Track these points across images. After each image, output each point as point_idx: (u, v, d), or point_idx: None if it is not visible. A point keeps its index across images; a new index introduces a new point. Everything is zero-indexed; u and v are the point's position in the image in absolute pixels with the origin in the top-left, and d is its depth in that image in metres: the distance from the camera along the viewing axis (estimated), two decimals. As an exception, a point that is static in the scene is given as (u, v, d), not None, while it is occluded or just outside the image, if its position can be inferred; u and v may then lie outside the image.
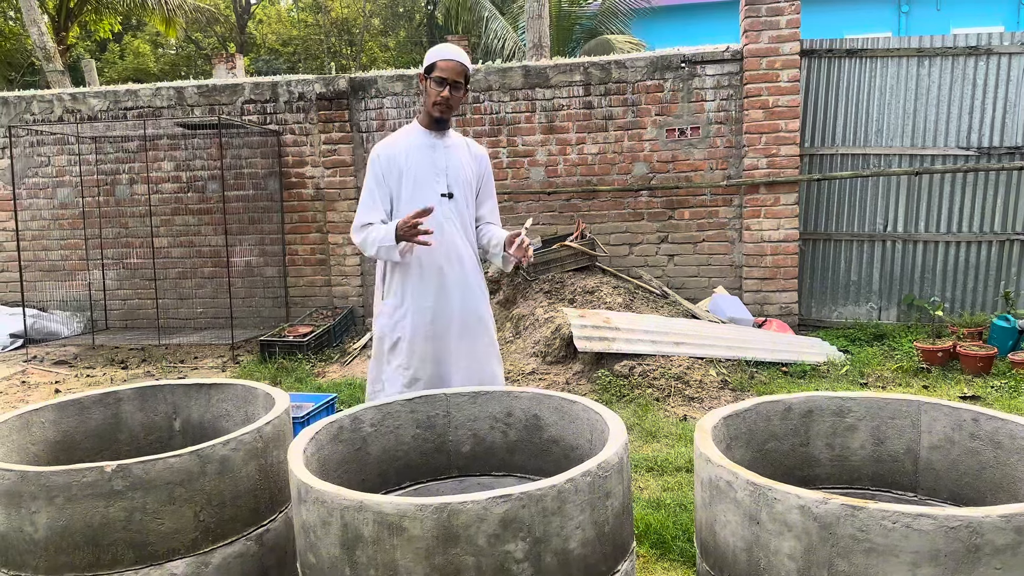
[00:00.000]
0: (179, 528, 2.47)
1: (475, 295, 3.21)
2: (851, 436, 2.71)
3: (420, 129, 3.10)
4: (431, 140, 3.07)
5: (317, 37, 25.70)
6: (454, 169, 3.09)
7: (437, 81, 2.96)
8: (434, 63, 2.97)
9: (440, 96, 2.96)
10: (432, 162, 3.06)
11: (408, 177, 3.04)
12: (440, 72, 2.95)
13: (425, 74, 3.02)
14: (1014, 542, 1.84)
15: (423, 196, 3.03)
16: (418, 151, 3.05)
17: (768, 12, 6.41)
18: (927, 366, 5.44)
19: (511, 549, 2.09)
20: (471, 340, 3.18)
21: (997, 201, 6.61)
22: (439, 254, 3.06)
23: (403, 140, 3.09)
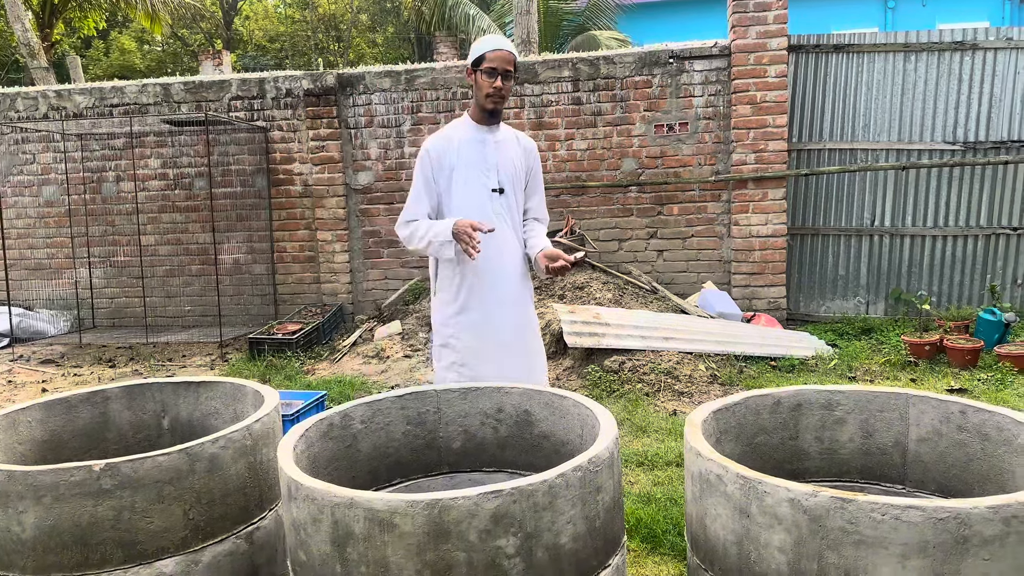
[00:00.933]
0: (168, 527, 2.46)
1: (525, 295, 3.20)
2: (840, 429, 2.73)
3: (471, 123, 3.05)
4: (482, 135, 3.03)
5: (304, 33, 25.58)
6: (505, 164, 3.07)
7: (488, 72, 2.91)
8: (483, 55, 2.93)
9: (493, 87, 2.92)
10: (483, 157, 3.03)
11: (459, 173, 3.02)
12: (490, 63, 2.90)
13: (473, 67, 2.97)
14: (1002, 533, 1.85)
15: (473, 192, 3.02)
16: (469, 146, 3.02)
17: (755, 7, 6.42)
18: (914, 359, 5.47)
19: (502, 544, 2.09)
20: (523, 340, 3.18)
21: (983, 195, 6.65)
22: (492, 251, 3.02)
23: (454, 135, 3.04)
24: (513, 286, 3.12)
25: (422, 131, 7.27)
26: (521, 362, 3.19)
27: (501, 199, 3.06)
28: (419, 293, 7.04)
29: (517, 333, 3.16)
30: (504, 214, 3.09)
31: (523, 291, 3.19)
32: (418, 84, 7.22)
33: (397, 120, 7.29)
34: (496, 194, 3.05)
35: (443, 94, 7.21)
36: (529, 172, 3.19)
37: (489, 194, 3.03)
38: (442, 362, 3.19)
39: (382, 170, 7.36)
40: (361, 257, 7.48)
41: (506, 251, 3.09)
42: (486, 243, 2.96)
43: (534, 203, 3.26)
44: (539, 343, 3.30)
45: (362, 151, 7.38)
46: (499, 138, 3.07)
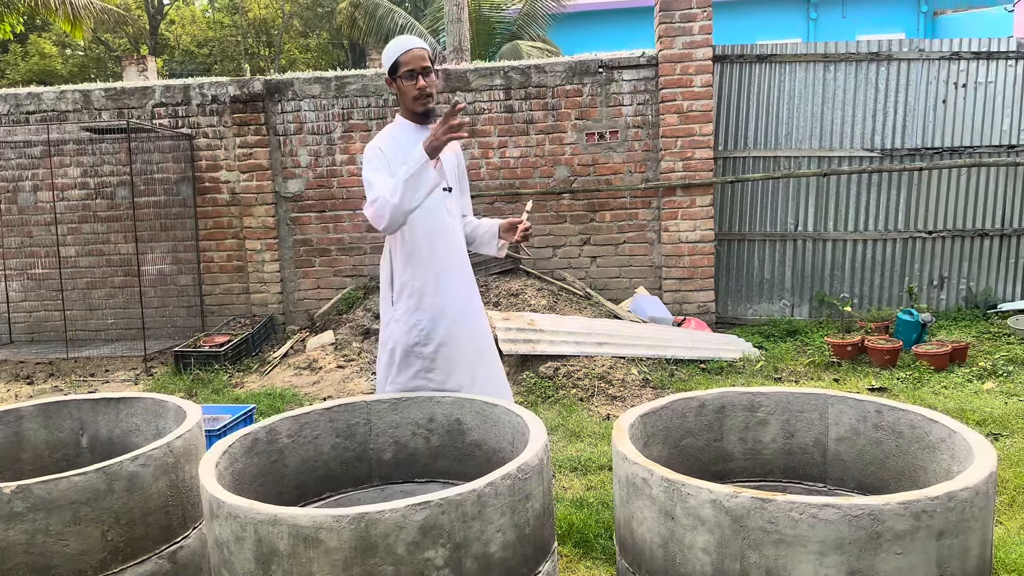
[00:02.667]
0: (85, 549, 2.37)
1: (477, 294, 3.16)
2: (763, 430, 2.80)
3: (409, 125, 2.96)
4: (421, 134, 2.90)
5: (234, 38, 25.08)
6: (447, 163, 3.02)
7: (407, 76, 2.85)
8: (396, 61, 2.86)
9: (418, 88, 2.85)
10: None
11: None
12: (406, 66, 2.84)
13: (390, 76, 2.91)
14: (912, 528, 1.92)
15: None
16: (412, 147, 2.85)
17: (681, 19, 6.56)
18: (837, 360, 5.65)
19: (431, 556, 2.08)
20: (483, 343, 3.14)
21: (900, 200, 6.92)
22: (450, 251, 3.00)
23: (398, 136, 2.95)
24: (470, 289, 3.10)
25: (353, 138, 7.20)
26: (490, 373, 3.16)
27: (451, 197, 3.03)
28: (352, 302, 6.96)
29: (484, 340, 3.14)
30: (456, 213, 3.08)
31: (477, 294, 3.17)
32: (349, 91, 7.15)
33: (328, 127, 7.21)
34: (447, 193, 3.00)
35: (374, 101, 7.16)
36: (461, 169, 3.18)
37: (441, 194, 2.95)
38: (406, 373, 3.09)
39: (313, 177, 7.26)
40: (292, 266, 7.36)
41: (460, 252, 3.08)
42: (445, 241, 2.97)
43: (466, 201, 3.24)
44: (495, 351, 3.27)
45: (292, 158, 7.27)
46: None
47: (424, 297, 2.97)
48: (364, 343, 6.35)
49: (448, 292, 2.99)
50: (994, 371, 5.24)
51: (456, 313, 3.01)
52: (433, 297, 2.97)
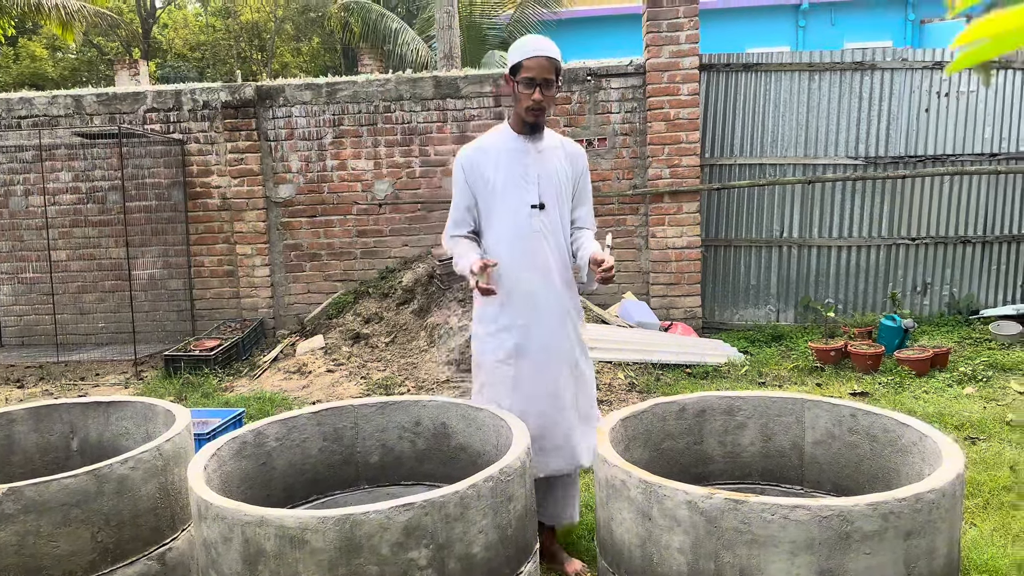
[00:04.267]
0: (76, 550, 2.41)
1: (569, 317, 2.95)
2: (741, 433, 2.86)
3: (511, 133, 2.82)
4: (523, 144, 2.80)
5: (226, 42, 25.09)
6: (547, 176, 2.83)
7: (525, 83, 2.67)
8: (520, 62, 2.68)
9: (532, 99, 2.68)
10: (523, 170, 2.80)
11: (495, 188, 2.79)
12: (528, 72, 2.65)
13: (511, 75, 2.73)
14: (881, 528, 1.99)
15: (511, 208, 2.80)
16: (508, 157, 2.79)
17: (669, 28, 6.64)
18: (821, 365, 5.73)
19: (415, 557, 2.13)
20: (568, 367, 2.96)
21: (884, 208, 7.01)
22: (530, 273, 2.82)
23: (491, 144, 2.82)
24: (557, 313, 2.89)
25: (344, 144, 7.25)
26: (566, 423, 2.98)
27: (542, 216, 2.81)
28: (343, 307, 7.00)
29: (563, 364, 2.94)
30: (545, 232, 2.84)
31: (569, 317, 2.94)
32: (340, 97, 7.20)
33: (319, 133, 7.25)
34: (536, 210, 2.80)
35: (365, 107, 7.21)
36: (577, 181, 2.95)
37: (528, 211, 2.79)
38: (474, 383, 3.06)
39: (304, 183, 7.31)
40: (283, 271, 7.40)
41: (546, 274, 2.86)
42: (524, 265, 2.81)
43: (582, 212, 3.01)
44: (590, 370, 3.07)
45: (283, 164, 7.31)
46: (541, 147, 2.85)
47: (500, 317, 2.86)
48: (354, 347, 6.39)
49: (523, 314, 2.84)
50: (974, 376, 5.32)
51: (534, 336, 2.86)
52: (510, 317, 2.85)
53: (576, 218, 2.98)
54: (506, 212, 2.79)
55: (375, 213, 7.30)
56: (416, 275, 6.68)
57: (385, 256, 7.33)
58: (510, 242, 2.81)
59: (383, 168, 7.26)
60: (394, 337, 6.43)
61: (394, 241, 7.31)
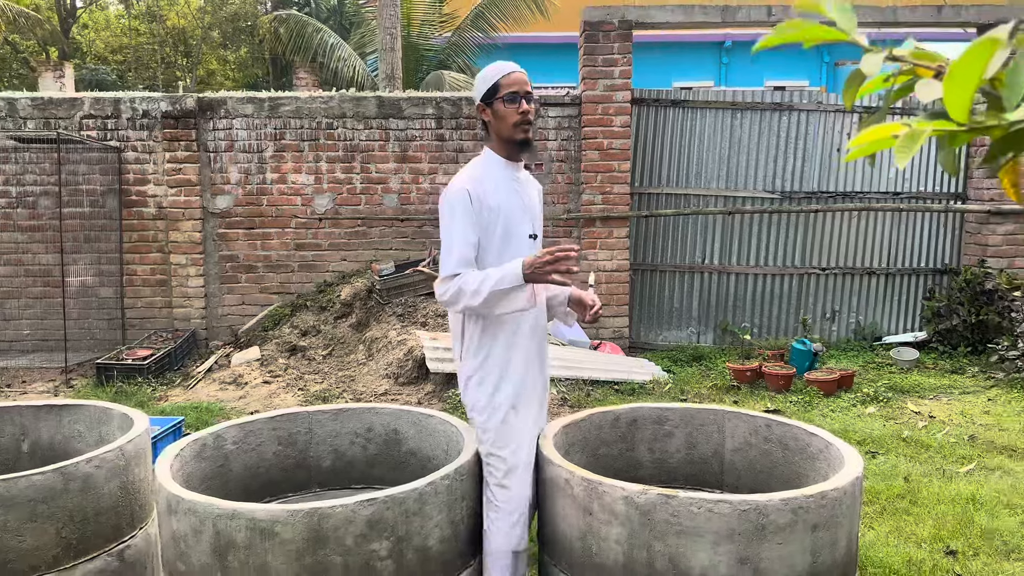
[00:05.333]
0: (40, 545, 2.50)
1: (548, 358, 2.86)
2: (669, 441, 3.14)
3: (500, 161, 2.64)
4: (512, 172, 2.66)
5: (150, 47, 24.56)
6: (533, 205, 2.73)
7: (509, 99, 2.54)
8: (496, 83, 2.56)
9: (520, 112, 2.55)
10: (519, 199, 2.66)
11: (501, 218, 2.59)
12: (509, 88, 2.55)
13: (485, 102, 2.59)
14: (791, 521, 2.28)
15: (515, 240, 2.62)
16: (506, 187, 2.62)
17: (604, 63, 7.01)
18: (737, 384, 6.12)
19: (376, 548, 2.32)
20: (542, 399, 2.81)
21: (797, 239, 7.51)
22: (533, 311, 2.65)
23: (487, 175, 2.62)
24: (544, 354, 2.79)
25: (285, 158, 7.34)
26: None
27: (535, 247, 2.70)
28: (279, 319, 7.06)
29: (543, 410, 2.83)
30: None
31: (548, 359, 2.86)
32: (282, 112, 7.30)
33: (259, 146, 7.33)
34: (532, 241, 2.69)
35: (308, 123, 7.33)
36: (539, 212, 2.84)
37: (528, 242, 2.66)
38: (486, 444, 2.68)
39: (242, 194, 7.36)
40: (217, 282, 7.41)
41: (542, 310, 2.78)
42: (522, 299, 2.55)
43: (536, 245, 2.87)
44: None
45: (221, 175, 7.35)
46: (523, 177, 2.73)
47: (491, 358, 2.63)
48: (291, 359, 6.47)
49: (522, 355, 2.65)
50: (876, 397, 5.78)
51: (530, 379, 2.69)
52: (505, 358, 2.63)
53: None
54: (510, 244, 2.59)
55: (314, 227, 7.41)
56: (355, 289, 6.81)
57: (323, 270, 7.43)
58: None
59: (324, 183, 7.38)
60: (332, 350, 6.54)
61: (332, 255, 7.42)
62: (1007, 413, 5.39)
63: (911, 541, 3.46)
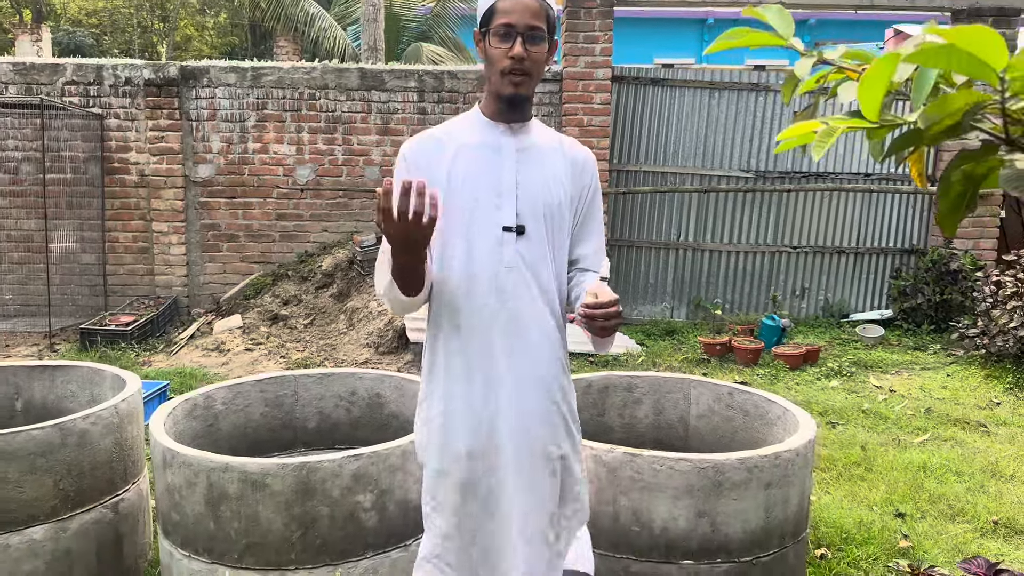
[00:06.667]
0: (39, 496, 2.63)
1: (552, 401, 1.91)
2: (638, 408, 3.32)
3: (482, 120, 1.89)
4: (497, 137, 1.87)
5: (127, 10, 24.19)
6: (531, 185, 1.86)
7: (501, 34, 1.77)
8: (493, 6, 1.79)
9: (509, 57, 1.76)
10: (496, 174, 1.85)
11: (454, 197, 1.83)
12: (504, 16, 1.76)
13: (481, 30, 1.84)
14: (746, 479, 2.46)
15: (473, 231, 1.83)
16: (474, 155, 1.85)
17: (585, 40, 7.11)
18: (708, 357, 6.32)
19: (360, 500, 2.47)
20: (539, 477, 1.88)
21: (770, 218, 7.70)
22: (494, 329, 1.84)
23: (451, 135, 1.88)
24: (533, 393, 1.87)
25: (267, 128, 7.39)
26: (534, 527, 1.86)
27: (520, 245, 1.85)
28: (260, 288, 7.16)
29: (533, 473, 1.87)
30: (523, 269, 1.85)
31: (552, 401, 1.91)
32: (264, 82, 7.34)
33: (241, 115, 7.37)
34: (510, 234, 1.84)
35: (290, 93, 7.37)
36: (583, 199, 1.95)
37: (499, 235, 1.84)
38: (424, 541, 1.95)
39: (224, 163, 7.41)
40: (199, 250, 7.48)
41: (523, 333, 1.86)
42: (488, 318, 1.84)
43: (587, 249, 1.99)
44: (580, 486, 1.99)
45: (203, 144, 7.39)
46: (526, 143, 1.89)
47: (434, 395, 1.91)
48: (272, 328, 6.58)
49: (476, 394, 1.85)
50: (840, 371, 6.01)
51: (491, 429, 1.85)
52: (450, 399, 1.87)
53: (578, 257, 1.98)
54: (464, 235, 1.83)
55: (296, 198, 7.48)
56: (336, 260, 6.92)
57: (304, 240, 7.52)
58: (472, 284, 1.84)
59: (305, 154, 7.45)
60: (313, 319, 6.66)
61: (314, 226, 7.51)
62: (963, 388, 5.64)
63: (864, 504, 3.68)
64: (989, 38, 0.67)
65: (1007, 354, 5.80)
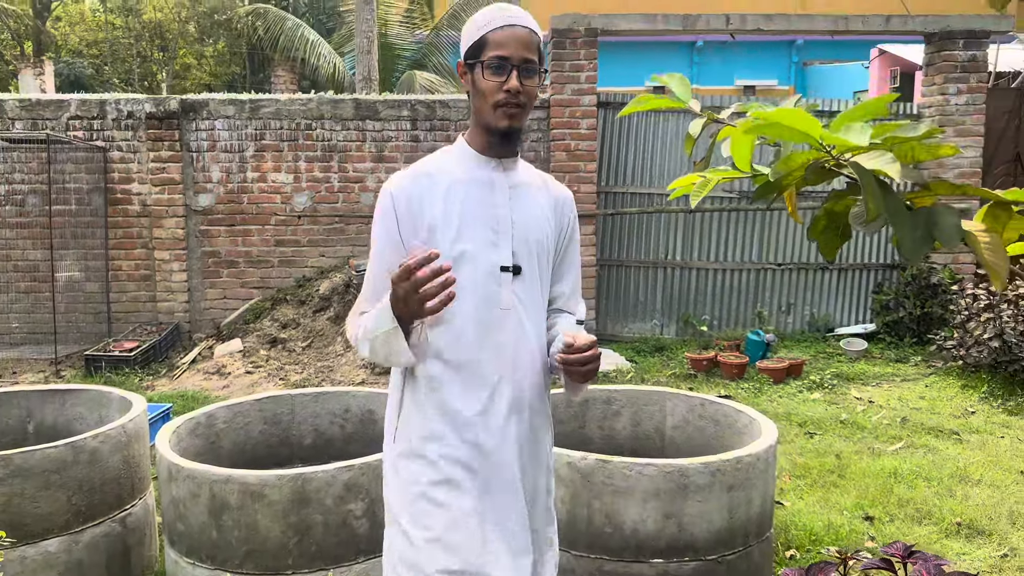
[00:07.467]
0: (53, 511, 2.82)
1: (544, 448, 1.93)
2: (616, 419, 3.51)
3: (470, 153, 1.82)
4: (488, 172, 1.81)
5: (127, 41, 24.60)
6: (525, 224, 1.82)
7: (494, 66, 1.71)
8: (483, 39, 1.73)
9: (505, 90, 1.71)
10: (490, 211, 1.80)
11: (447, 235, 1.76)
12: (498, 49, 1.71)
13: (467, 62, 1.77)
14: (710, 482, 2.65)
15: (470, 272, 1.76)
16: (467, 191, 1.79)
17: (571, 68, 7.36)
18: (695, 372, 6.51)
19: (352, 508, 2.66)
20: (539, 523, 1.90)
21: (754, 236, 7.92)
22: (489, 369, 1.78)
23: (441, 170, 1.81)
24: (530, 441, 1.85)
25: (265, 157, 7.62)
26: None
27: (516, 285, 1.80)
28: (260, 313, 7.36)
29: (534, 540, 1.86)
30: (521, 309, 1.81)
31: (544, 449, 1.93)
32: (262, 113, 7.58)
33: (240, 146, 7.61)
34: (507, 275, 1.79)
35: (287, 124, 7.62)
36: (562, 238, 1.94)
37: (496, 276, 1.78)
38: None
39: (224, 192, 7.64)
40: (200, 277, 7.69)
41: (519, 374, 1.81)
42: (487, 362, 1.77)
43: (565, 288, 1.98)
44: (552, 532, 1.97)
45: (204, 174, 7.63)
46: (516, 180, 1.85)
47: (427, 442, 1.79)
48: (272, 351, 6.78)
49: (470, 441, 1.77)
50: (822, 384, 6.20)
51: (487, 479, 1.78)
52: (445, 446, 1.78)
53: (555, 296, 1.97)
54: (468, 280, 1.75)
55: (293, 224, 7.71)
56: (333, 284, 7.13)
57: (302, 265, 7.73)
58: (466, 326, 1.77)
59: (303, 182, 7.68)
60: (311, 342, 6.86)
61: (311, 251, 7.72)
62: (940, 398, 5.83)
63: (835, 509, 3.86)
64: (803, 116, 0.87)
65: (982, 364, 5.99)
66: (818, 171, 1.01)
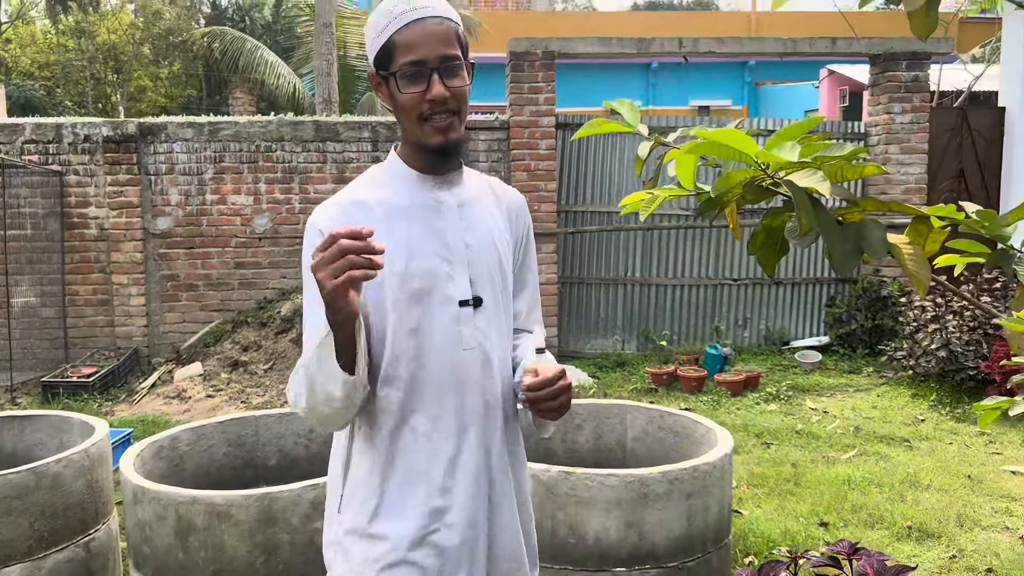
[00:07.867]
0: (15, 536, 2.80)
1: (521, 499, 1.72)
2: (579, 433, 3.58)
3: (407, 174, 1.58)
4: (432, 194, 1.58)
5: (80, 63, 24.28)
6: (480, 247, 1.60)
7: (409, 75, 1.46)
8: (390, 41, 1.46)
9: (428, 99, 1.47)
10: (440, 238, 1.56)
11: (393, 273, 1.50)
12: (409, 53, 1.45)
13: (379, 73, 1.51)
14: (669, 490, 2.73)
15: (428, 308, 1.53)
16: (410, 220, 1.55)
17: (529, 90, 7.49)
18: (655, 387, 6.63)
19: (319, 526, 2.68)
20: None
21: (711, 253, 8.10)
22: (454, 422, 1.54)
23: (378, 199, 1.56)
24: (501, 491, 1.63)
25: (224, 180, 7.61)
26: None
27: (479, 317, 1.58)
28: (220, 335, 7.31)
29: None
30: (484, 349, 1.58)
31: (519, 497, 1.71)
32: (221, 136, 7.58)
33: (199, 168, 7.58)
34: (467, 309, 1.56)
35: (247, 146, 7.62)
36: (518, 249, 1.73)
37: (455, 313, 1.55)
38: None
39: (183, 215, 7.60)
40: (158, 300, 7.62)
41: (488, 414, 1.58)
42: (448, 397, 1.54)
43: (522, 306, 1.77)
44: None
45: (162, 197, 7.58)
46: (464, 197, 1.62)
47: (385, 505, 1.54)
48: (233, 374, 6.74)
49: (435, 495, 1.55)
50: (778, 396, 6.35)
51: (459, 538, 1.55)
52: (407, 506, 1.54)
53: (514, 314, 1.73)
54: (414, 317, 1.53)
55: (254, 246, 7.69)
56: (295, 305, 7.12)
57: (263, 287, 7.71)
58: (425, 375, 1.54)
59: (263, 204, 7.68)
60: (273, 364, 6.84)
61: (272, 273, 7.71)
62: (892, 407, 6.01)
63: (791, 516, 3.97)
64: (740, 137, 0.96)
65: (931, 374, 6.19)
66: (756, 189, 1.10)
